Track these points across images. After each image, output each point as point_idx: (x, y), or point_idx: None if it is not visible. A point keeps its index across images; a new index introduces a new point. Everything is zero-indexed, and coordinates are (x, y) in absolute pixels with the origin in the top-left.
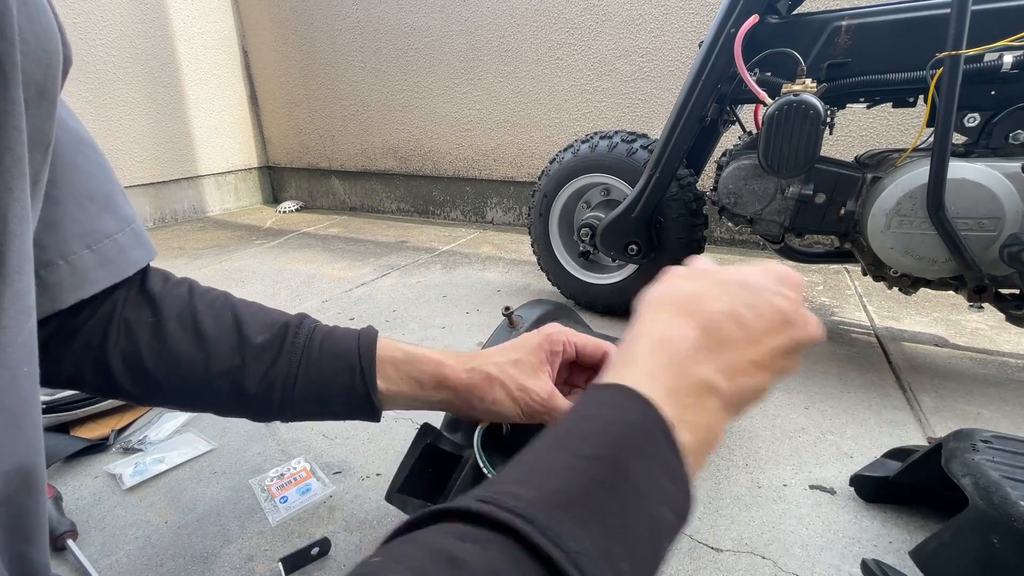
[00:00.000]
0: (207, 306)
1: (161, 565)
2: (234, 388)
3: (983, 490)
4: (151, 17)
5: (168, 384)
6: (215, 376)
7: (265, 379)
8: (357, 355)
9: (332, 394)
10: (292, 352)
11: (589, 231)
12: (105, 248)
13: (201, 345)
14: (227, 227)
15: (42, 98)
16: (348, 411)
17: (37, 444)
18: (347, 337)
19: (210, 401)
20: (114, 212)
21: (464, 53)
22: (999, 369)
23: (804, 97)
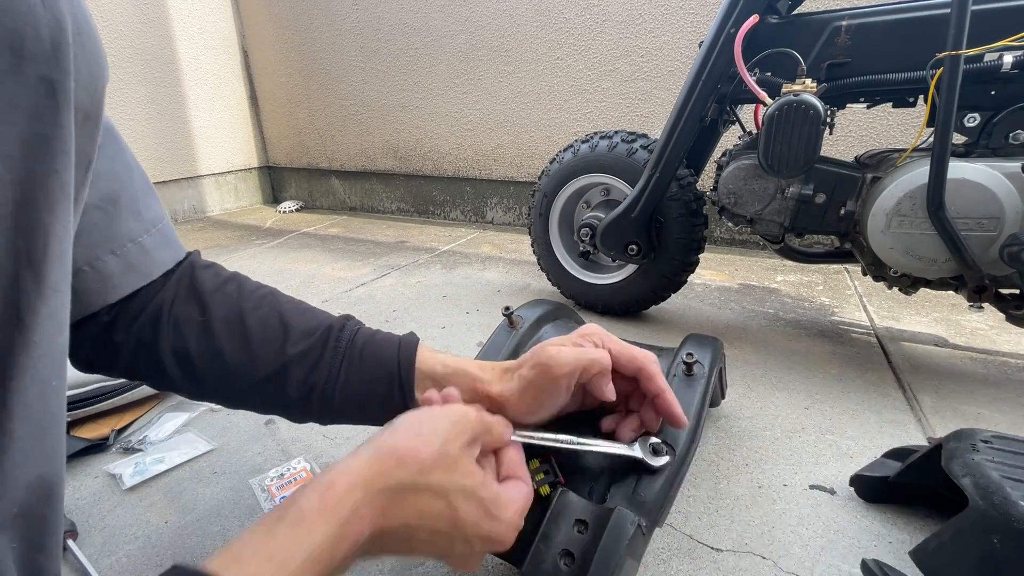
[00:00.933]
0: (254, 307)
1: (161, 565)
2: (276, 391)
3: (983, 490)
4: (151, 17)
5: (214, 382)
6: (258, 379)
7: (305, 384)
8: (396, 364)
9: (370, 402)
10: (333, 357)
11: (589, 231)
12: (129, 252)
13: (246, 347)
14: (227, 227)
15: (87, 121)
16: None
17: (60, 456)
18: (388, 344)
19: (252, 401)
20: (138, 214)
21: (464, 53)
22: (999, 369)
23: (804, 97)
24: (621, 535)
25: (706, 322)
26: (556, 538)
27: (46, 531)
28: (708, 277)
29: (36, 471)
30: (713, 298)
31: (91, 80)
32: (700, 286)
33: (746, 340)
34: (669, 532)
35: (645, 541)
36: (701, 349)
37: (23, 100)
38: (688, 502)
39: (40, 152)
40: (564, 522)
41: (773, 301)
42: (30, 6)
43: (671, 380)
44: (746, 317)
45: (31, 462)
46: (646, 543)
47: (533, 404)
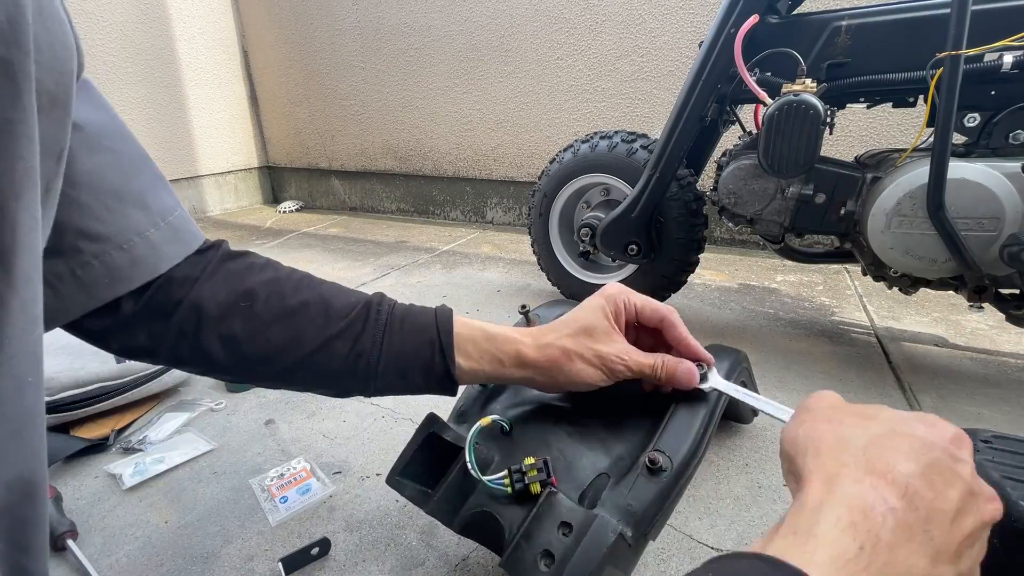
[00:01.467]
0: (294, 288)
1: (161, 565)
2: (323, 364)
3: None
4: (151, 17)
5: (262, 363)
6: (305, 354)
7: (351, 355)
8: (436, 331)
9: (413, 368)
10: (376, 328)
11: (589, 231)
12: (135, 247)
13: (291, 326)
14: (227, 227)
15: (54, 106)
16: (427, 385)
17: (40, 454)
18: (424, 314)
19: (300, 378)
20: (146, 208)
21: (464, 53)
22: (999, 369)
23: (804, 97)
24: (600, 542)
25: (706, 322)
26: (538, 538)
27: (29, 532)
28: (708, 277)
29: (15, 470)
30: (713, 298)
31: (56, 62)
32: (700, 286)
33: (746, 340)
34: (669, 532)
35: (634, 552)
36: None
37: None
38: (688, 502)
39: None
40: (548, 523)
41: (773, 301)
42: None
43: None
44: (746, 317)
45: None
46: (635, 554)
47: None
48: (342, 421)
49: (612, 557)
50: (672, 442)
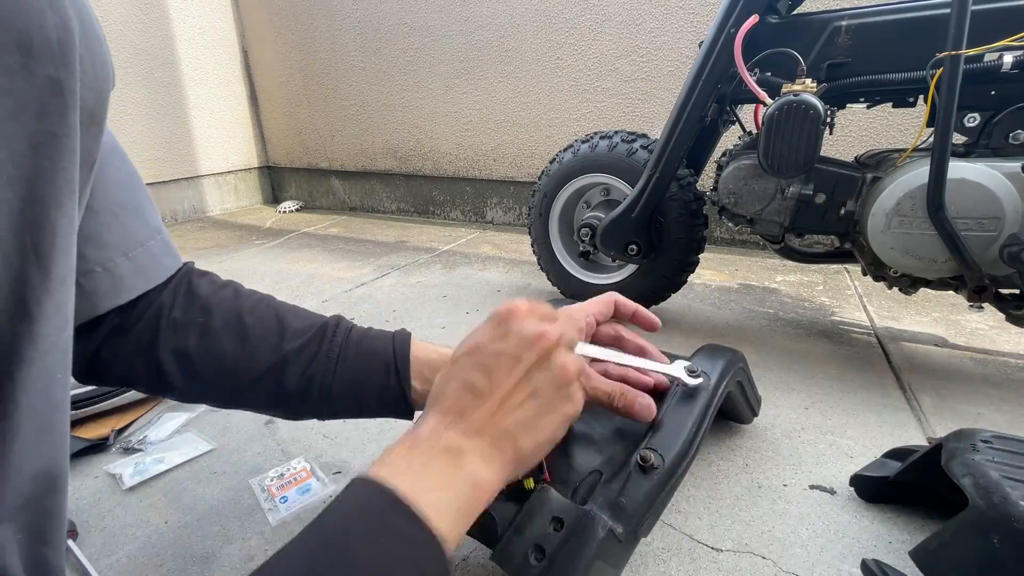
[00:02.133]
0: (251, 308)
1: (161, 565)
2: (275, 385)
3: (983, 490)
4: (151, 17)
5: (213, 381)
6: (257, 374)
7: (304, 377)
8: (392, 354)
9: (368, 392)
10: (330, 350)
11: (589, 231)
12: (139, 256)
13: (245, 344)
14: (227, 227)
15: (92, 122)
16: (382, 409)
17: (64, 448)
18: (382, 338)
19: (251, 398)
20: (145, 220)
21: (464, 53)
22: (999, 369)
23: (804, 97)
24: (589, 538)
25: (706, 322)
26: (529, 532)
27: (51, 524)
28: (708, 277)
29: (41, 463)
30: (713, 298)
31: (96, 81)
32: (700, 286)
33: (746, 340)
34: (669, 532)
35: (624, 548)
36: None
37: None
38: (688, 502)
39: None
40: (539, 518)
41: (773, 301)
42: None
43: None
44: (746, 317)
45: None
46: (626, 551)
47: None
48: (342, 421)
49: (602, 553)
50: (664, 440)
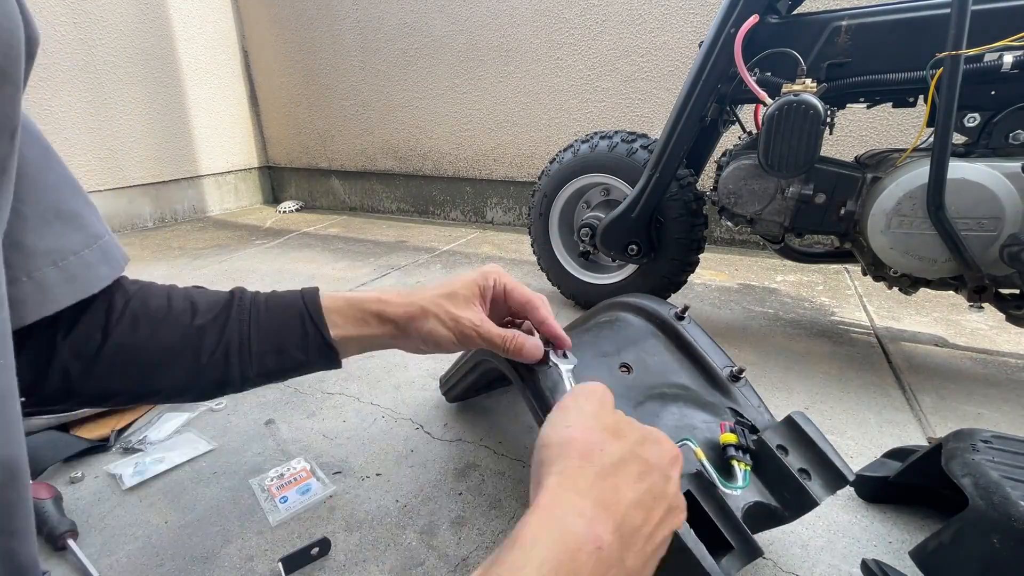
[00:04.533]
0: (157, 293)
1: (161, 565)
2: (193, 359)
3: (983, 490)
4: (151, 17)
5: (129, 375)
6: (174, 352)
7: (221, 344)
8: (302, 304)
9: (287, 342)
10: (241, 313)
11: (589, 231)
12: (71, 265)
13: (156, 327)
14: (227, 227)
15: (4, 81)
16: (307, 358)
17: (18, 437)
18: (290, 293)
19: (171, 382)
20: (82, 229)
21: (464, 53)
22: (999, 369)
23: (804, 97)
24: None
25: (706, 322)
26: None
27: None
28: (708, 277)
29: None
30: (713, 298)
31: (2, 34)
32: (700, 286)
33: (746, 340)
34: None
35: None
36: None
37: None
38: None
39: None
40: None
41: (773, 301)
42: None
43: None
44: (746, 317)
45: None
46: None
47: (437, 334)
48: (342, 421)
49: None
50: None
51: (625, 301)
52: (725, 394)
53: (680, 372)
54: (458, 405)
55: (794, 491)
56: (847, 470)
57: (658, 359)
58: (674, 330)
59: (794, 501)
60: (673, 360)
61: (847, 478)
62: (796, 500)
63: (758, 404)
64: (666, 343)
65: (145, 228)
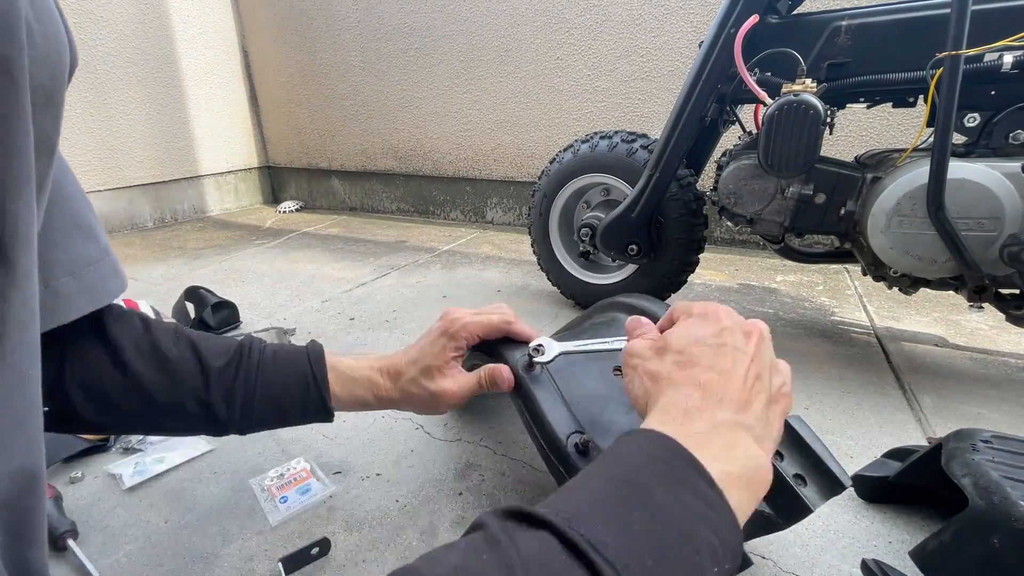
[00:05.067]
0: (163, 335)
1: (161, 565)
2: (198, 407)
3: (983, 490)
4: (151, 17)
5: (132, 409)
6: (181, 399)
7: (227, 395)
8: (309, 368)
9: (289, 402)
10: (249, 368)
11: (589, 231)
12: (86, 276)
13: (163, 369)
14: (227, 227)
15: (49, 102)
16: (303, 416)
17: (39, 446)
18: (296, 351)
19: (173, 423)
20: (96, 241)
21: (464, 53)
22: (999, 369)
23: (804, 97)
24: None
25: None
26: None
27: (31, 523)
28: (708, 277)
29: (17, 462)
30: (713, 298)
31: (50, 58)
32: (700, 286)
33: None
34: None
35: None
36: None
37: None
38: None
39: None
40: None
41: (773, 301)
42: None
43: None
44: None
45: (12, 453)
46: None
47: (425, 409)
48: (342, 421)
49: None
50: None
51: (621, 301)
52: None
53: None
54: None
55: (788, 497)
56: (844, 476)
57: None
58: None
59: (787, 508)
60: None
61: (844, 485)
62: (790, 507)
63: None
64: None
65: (145, 228)
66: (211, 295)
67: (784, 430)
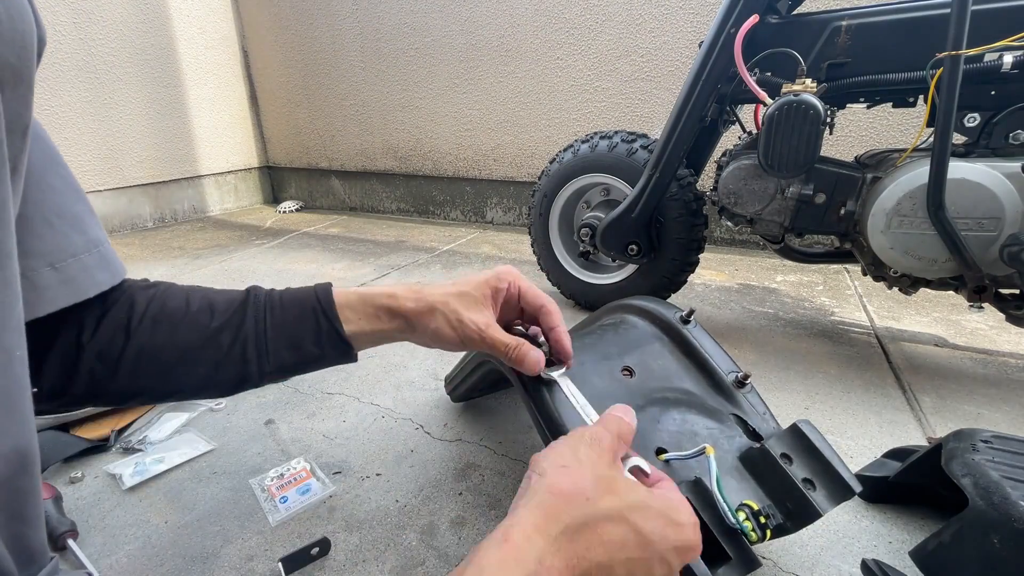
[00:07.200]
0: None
1: (161, 565)
2: (213, 356)
3: (983, 490)
4: (151, 17)
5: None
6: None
7: (239, 340)
8: (316, 300)
9: (303, 336)
10: (257, 310)
11: (589, 231)
12: (68, 267)
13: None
14: (227, 227)
15: (18, 81)
16: (323, 353)
17: (31, 426)
18: (303, 290)
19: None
20: (83, 232)
21: (464, 53)
22: (999, 369)
23: (804, 97)
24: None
25: (706, 322)
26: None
27: (27, 501)
28: (708, 277)
29: (10, 442)
30: (713, 298)
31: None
32: (700, 286)
33: (746, 340)
34: None
35: None
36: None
37: None
38: None
39: None
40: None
41: (773, 301)
42: None
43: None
44: (746, 317)
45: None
46: None
47: (442, 333)
48: (342, 421)
49: None
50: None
51: (630, 304)
52: (729, 400)
53: (684, 377)
54: (458, 405)
55: (797, 501)
56: (853, 481)
57: (662, 363)
58: (679, 334)
59: (797, 511)
60: (677, 364)
61: (853, 490)
62: (799, 510)
63: (764, 411)
64: (670, 347)
65: (145, 228)
66: None
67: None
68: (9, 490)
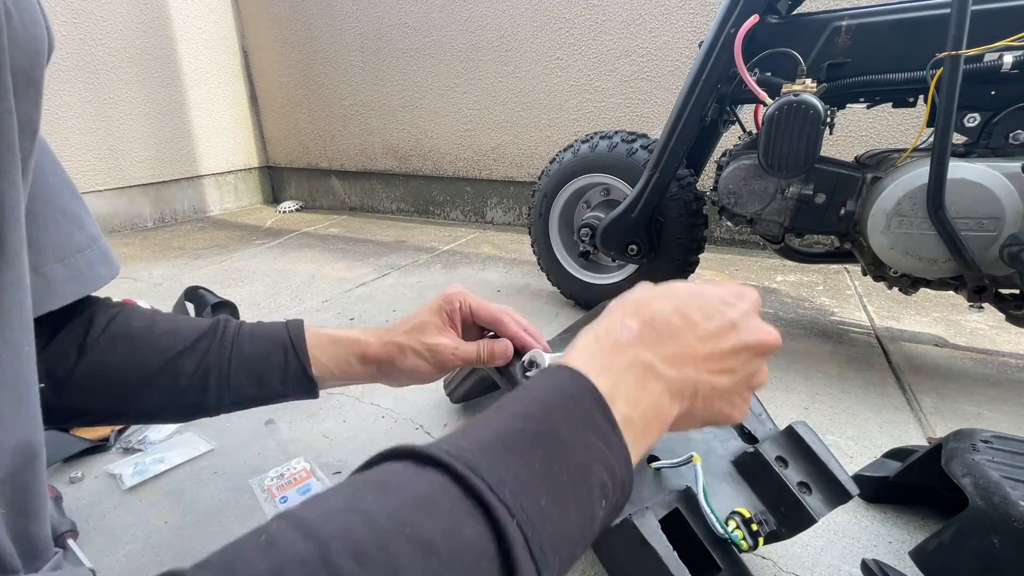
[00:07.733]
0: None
1: (161, 565)
2: (172, 382)
3: (983, 490)
4: (151, 17)
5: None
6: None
7: (200, 368)
8: (287, 336)
9: (268, 372)
10: (223, 341)
11: (589, 231)
12: (76, 262)
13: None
14: (227, 227)
15: (29, 85)
16: (285, 389)
17: (38, 421)
18: (274, 325)
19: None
20: (82, 229)
21: (464, 53)
22: (999, 369)
23: (804, 97)
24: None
25: None
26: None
27: (32, 496)
28: (708, 277)
29: (17, 436)
30: None
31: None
32: None
33: None
34: None
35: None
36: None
37: None
38: None
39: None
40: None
41: (773, 301)
42: None
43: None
44: None
45: (11, 427)
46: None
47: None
48: (342, 421)
49: None
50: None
51: None
52: None
53: None
54: (457, 406)
55: (791, 506)
56: (851, 485)
57: None
58: None
59: (791, 517)
60: None
61: (850, 493)
62: (793, 516)
63: (760, 412)
64: None
65: (145, 228)
66: (211, 295)
67: (788, 437)
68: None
